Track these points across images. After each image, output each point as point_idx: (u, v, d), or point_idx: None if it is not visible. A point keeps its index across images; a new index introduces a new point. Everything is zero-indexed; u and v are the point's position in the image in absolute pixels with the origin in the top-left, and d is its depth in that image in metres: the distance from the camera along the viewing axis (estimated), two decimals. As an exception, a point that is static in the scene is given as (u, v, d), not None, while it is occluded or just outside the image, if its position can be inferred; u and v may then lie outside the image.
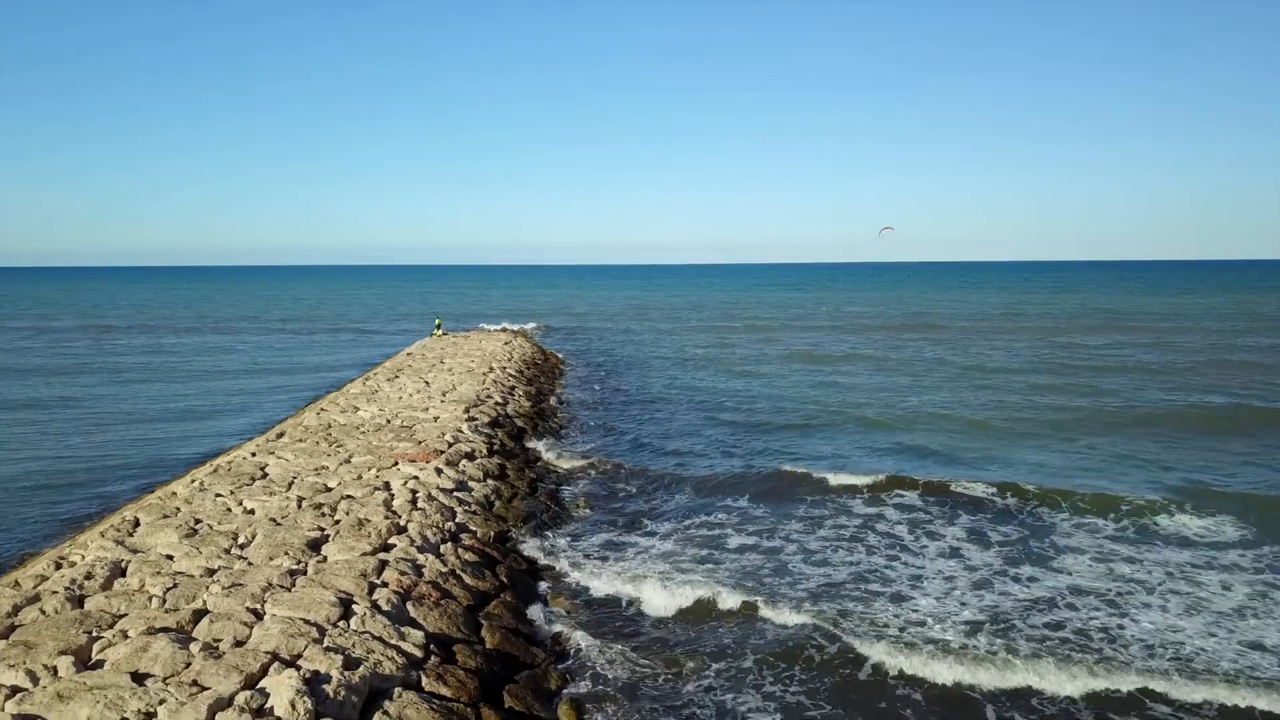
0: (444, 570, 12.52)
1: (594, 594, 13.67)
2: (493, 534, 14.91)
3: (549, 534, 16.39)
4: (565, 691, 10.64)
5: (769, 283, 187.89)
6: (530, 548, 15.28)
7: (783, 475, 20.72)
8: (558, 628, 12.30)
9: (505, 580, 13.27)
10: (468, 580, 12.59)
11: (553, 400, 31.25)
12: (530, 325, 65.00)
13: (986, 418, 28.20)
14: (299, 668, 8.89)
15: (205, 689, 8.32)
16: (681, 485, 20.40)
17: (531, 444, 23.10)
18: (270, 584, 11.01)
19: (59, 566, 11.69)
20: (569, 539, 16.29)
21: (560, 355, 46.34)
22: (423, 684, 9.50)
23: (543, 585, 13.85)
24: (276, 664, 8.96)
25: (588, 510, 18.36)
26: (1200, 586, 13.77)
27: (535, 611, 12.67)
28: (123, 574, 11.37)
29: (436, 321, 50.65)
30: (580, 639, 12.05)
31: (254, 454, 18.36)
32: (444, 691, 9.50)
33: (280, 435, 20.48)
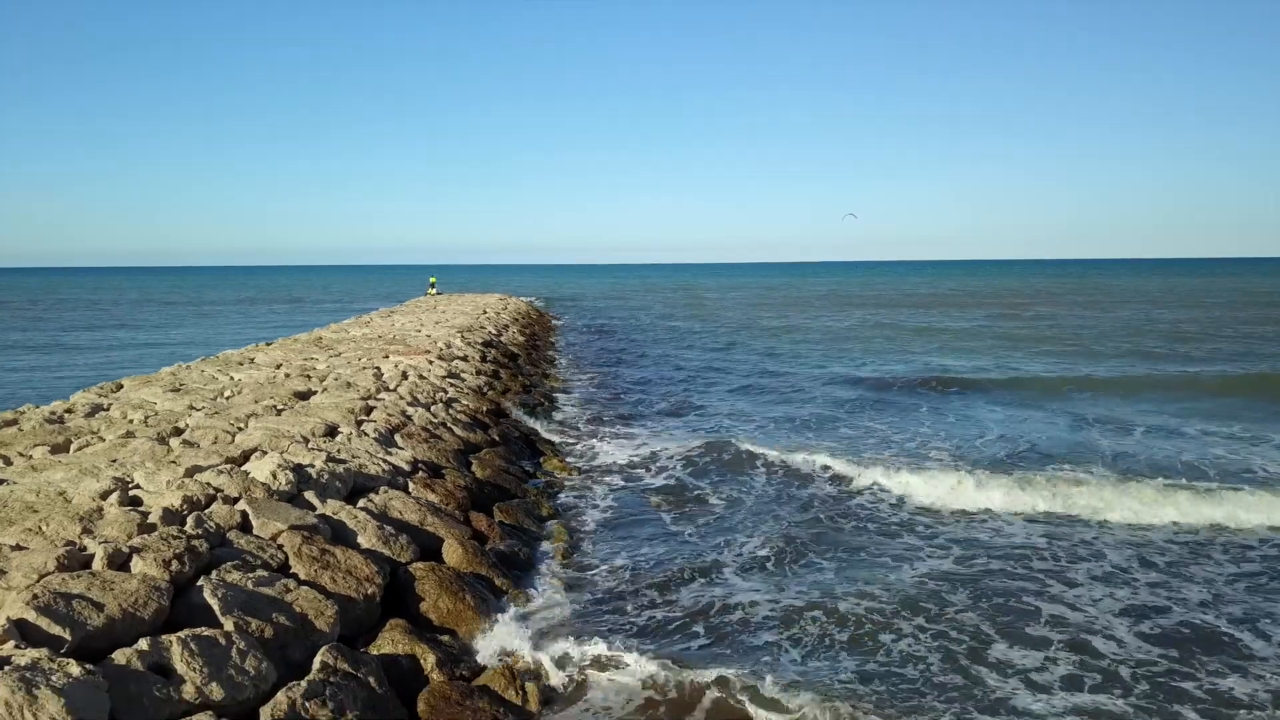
0: (434, 421, 12.23)
1: (589, 460, 13.42)
2: (485, 408, 14.63)
3: (545, 421, 16.13)
4: (557, 520, 10.37)
5: (759, 276, 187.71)
6: (525, 426, 15.02)
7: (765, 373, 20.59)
8: (551, 476, 12.07)
9: (497, 439, 12.99)
10: (459, 432, 12.31)
11: (549, 341, 31.02)
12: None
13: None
14: (282, 456, 8.60)
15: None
16: (673, 396, 20.32)
17: (527, 368, 22.83)
18: (254, 414, 10.73)
19: (37, 407, 11.40)
20: (563, 427, 16.04)
21: (553, 319, 46.13)
22: (409, 489, 9.22)
23: (538, 457, 13.58)
24: (258, 453, 8.69)
25: (584, 409, 18.11)
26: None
27: (528, 465, 12.41)
28: (104, 410, 11.08)
29: (431, 280, 49.71)
30: (574, 485, 11.82)
31: (243, 352, 18.08)
32: (431, 498, 9.21)
33: (269, 344, 20.20)
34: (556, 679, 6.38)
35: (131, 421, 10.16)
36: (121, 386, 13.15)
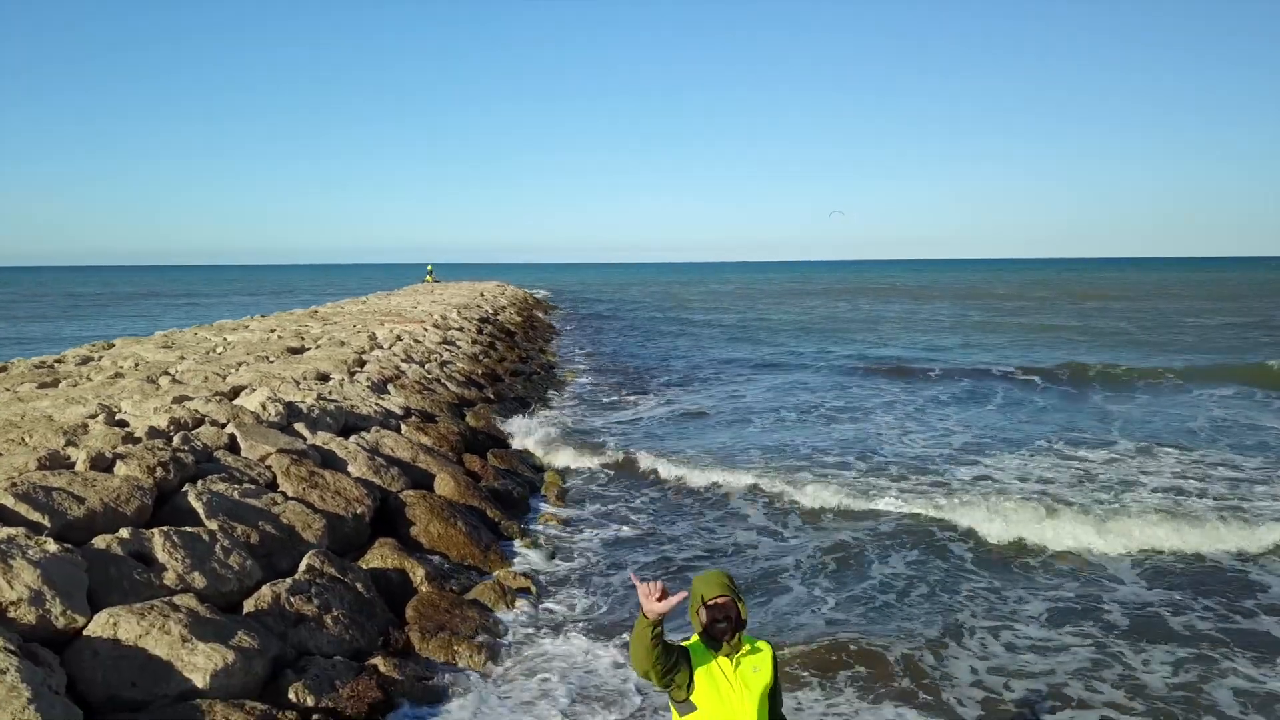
0: (428, 377, 12.13)
1: (585, 421, 13.31)
2: (480, 371, 14.53)
3: (542, 388, 16.01)
4: (552, 468, 10.26)
5: (758, 274, 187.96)
6: (520, 391, 14.90)
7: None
8: (547, 434, 11.96)
9: (492, 397, 12.90)
10: (453, 388, 12.21)
11: (547, 324, 30.91)
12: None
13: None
14: (273, 391, 8.51)
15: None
16: (666, 372, 20.25)
17: (524, 344, 22.72)
18: (245, 364, 10.63)
19: (28, 358, 11.30)
20: (559, 394, 15.93)
21: (552, 308, 46.00)
22: (402, 430, 9.12)
23: (533, 414, 13.47)
24: (249, 389, 8.59)
25: (580, 379, 18.01)
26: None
27: (521, 423, 12.28)
28: (94, 360, 10.98)
29: (429, 267, 49.35)
30: (568, 440, 11.72)
31: (239, 321, 17.97)
32: (423, 440, 9.11)
33: (265, 316, 20.10)
34: (547, 600, 6.29)
35: (121, 368, 10.06)
36: (113, 345, 13.06)
